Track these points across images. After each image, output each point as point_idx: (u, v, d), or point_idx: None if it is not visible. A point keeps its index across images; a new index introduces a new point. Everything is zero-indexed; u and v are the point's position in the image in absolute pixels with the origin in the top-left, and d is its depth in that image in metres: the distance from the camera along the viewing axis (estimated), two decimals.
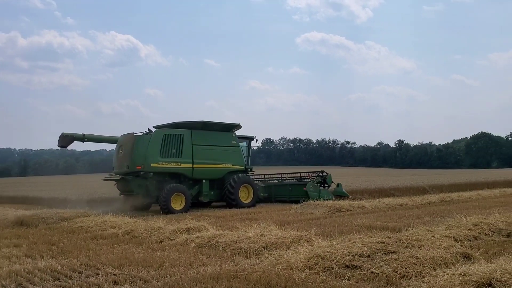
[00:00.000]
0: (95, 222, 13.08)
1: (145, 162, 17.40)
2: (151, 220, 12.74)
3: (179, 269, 7.30)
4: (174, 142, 18.03)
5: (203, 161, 18.61)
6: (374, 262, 6.91)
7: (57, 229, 13.02)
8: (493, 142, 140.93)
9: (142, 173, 17.46)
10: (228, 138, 19.65)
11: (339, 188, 21.50)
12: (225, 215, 15.38)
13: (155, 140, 17.71)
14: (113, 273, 7.18)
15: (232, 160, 19.52)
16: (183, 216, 15.04)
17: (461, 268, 6.33)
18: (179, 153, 18.06)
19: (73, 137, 18.48)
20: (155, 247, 9.43)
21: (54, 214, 15.27)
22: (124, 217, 13.98)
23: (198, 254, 8.50)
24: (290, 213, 15.60)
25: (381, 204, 17.63)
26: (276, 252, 8.11)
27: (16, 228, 13.58)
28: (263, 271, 6.84)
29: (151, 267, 7.45)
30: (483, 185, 28.82)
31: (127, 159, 17.71)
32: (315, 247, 8.00)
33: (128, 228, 11.75)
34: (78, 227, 12.86)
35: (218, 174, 19.21)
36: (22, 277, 7.14)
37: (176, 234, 10.56)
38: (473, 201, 19.17)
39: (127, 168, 17.64)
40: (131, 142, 17.86)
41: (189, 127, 18.70)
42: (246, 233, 9.57)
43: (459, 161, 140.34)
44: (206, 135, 18.99)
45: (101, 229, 12.25)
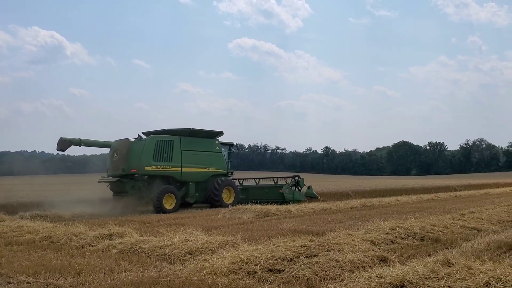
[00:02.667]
0: (10, 228, 12.32)
1: (139, 165, 18.97)
2: (72, 225, 12.19)
3: (99, 276, 7.04)
4: (165, 148, 19.71)
5: (190, 165, 20.41)
6: (296, 265, 7.08)
7: None
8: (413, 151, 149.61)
9: (137, 176, 18.93)
10: (212, 144, 21.59)
11: (310, 190, 23.73)
12: (151, 220, 15.07)
13: (148, 145, 19.35)
14: (26, 281, 6.80)
15: (215, 164, 21.45)
16: (106, 221, 14.53)
17: (377, 271, 6.63)
18: (170, 158, 19.77)
19: (70, 142, 19.34)
20: (75, 254, 9.04)
21: None
22: (43, 222, 13.37)
23: (120, 260, 8.25)
24: (218, 218, 15.59)
25: (306, 209, 18.09)
26: (201, 258, 8.07)
27: None
28: (186, 277, 6.78)
29: (69, 274, 7.13)
30: (402, 192, 30.37)
31: (123, 162, 19.22)
32: (240, 252, 8.05)
33: (46, 233, 11.16)
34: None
35: (203, 177, 20.99)
36: None
37: (97, 240, 10.18)
38: (392, 207, 20.15)
39: (123, 171, 19.12)
40: (126, 147, 19.48)
41: (178, 133, 20.44)
42: (171, 238, 9.44)
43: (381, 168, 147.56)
44: (193, 141, 20.80)
45: (17, 234, 11.55)
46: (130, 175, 19.03)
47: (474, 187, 38.39)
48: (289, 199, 21.88)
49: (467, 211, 15.04)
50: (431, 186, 36.67)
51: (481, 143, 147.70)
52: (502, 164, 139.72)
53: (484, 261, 6.68)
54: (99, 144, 20.71)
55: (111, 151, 20.15)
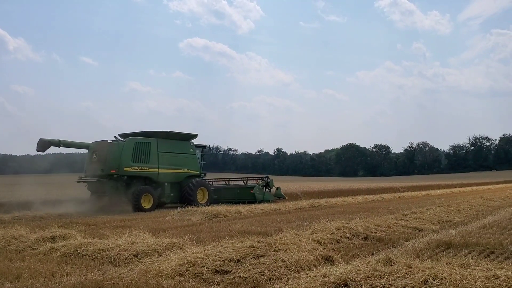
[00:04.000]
0: None
1: (119, 166, 19.52)
2: (12, 228, 11.68)
3: (39, 280, 6.79)
4: (143, 149, 20.40)
5: (166, 166, 21.11)
6: (243, 266, 7.12)
7: None
8: (360, 153, 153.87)
9: (116, 176, 19.52)
10: (186, 146, 22.43)
11: (279, 191, 25.03)
12: (97, 222, 14.68)
13: (127, 147, 19.93)
14: None
15: (189, 166, 22.24)
16: (48, 223, 14.02)
17: (322, 270, 6.77)
18: (147, 159, 20.44)
19: (50, 143, 19.68)
20: (14, 257, 8.67)
21: None
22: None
23: (63, 264, 8.00)
24: (167, 220, 15.39)
25: (256, 210, 18.19)
26: (147, 260, 7.96)
27: None
28: (131, 280, 6.66)
29: (6, 279, 6.83)
30: (349, 192, 31.17)
31: (102, 163, 19.79)
32: (187, 254, 8.00)
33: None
34: None
35: (178, 178, 21.72)
36: None
37: (39, 243, 9.82)
38: (338, 207, 20.61)
39: (102, 171, 19.65)
40: (105, 148, 20.11)
41: (155, 136, 21.16)
42: (117, 241, 9.23)
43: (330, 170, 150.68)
44: (169, 144, 21.53)
45: None
46: (110, 175, 19.59)
47: (417, 189, 39.91)
48: (259, 199, 23.08)
49: (409, 212, 15.63)
50: (376, 187, 37.79)
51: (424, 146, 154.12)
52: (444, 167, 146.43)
53: (424, 260, 6.99)
54: (78, 145, 21.19)
55: (90, 152, 20.75)
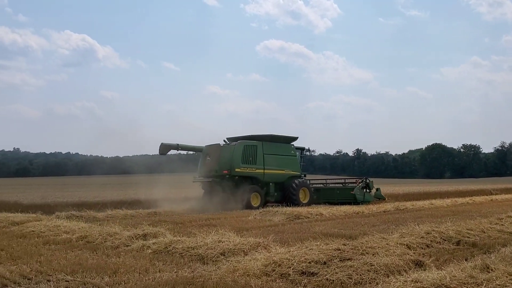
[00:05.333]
0: (47, 227, 12.66)
1: (230, 167, 21.26)
2: (107, 226, 12.44)
3: (134, 276, 7.16)
4: (251, 152, 22.01)
5: (271, 167, 22.51)
6: (330, 268, 7.01)
7: (6, 233, 12.52)
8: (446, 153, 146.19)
9: (228, 176, 21.26)
10: (288, 148, 23.77)
11: (378, 192, 25.25)
12: (183, 221, 15.23)
13: (237, 150, 21.63)
14: (65, 279, 6.96)
15: (291, 167, 23.43)
16: (138, 222, 14.77)
17: (413, 275, 6.50)
18: (255, 161, 21.97)
19: (169, 146, 21.80)
20: (110, 253, 9.22)
21: (4, 218, 14.72)
22: (78, 222, 13.66)
23: (154, 261, 8.37)
24: (249, 220, 15.61)
25: (338, 212, 17.92)
26: (233, 259, 8.09)
27: None
28: (220, 278, 6.81)
29: (105, 274, 7.27)
30: (436, 195, 29.75)
31: (215, 165, 21.62)
32: (272, 254, 8.03)
33: (82, 233, 11.43)
34: (30, 232, 12.41)
35: (281, 179, 22.99)
36: None
37: (132, 240, 10.35)
38: (426, 210, 19.75)
39: (215, 172, 21.52)
40: (218, 151, 22.01)
41: (260, 139, 22.64)
42: (204, 239, 9.51)
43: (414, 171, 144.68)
44: (273, 146, 22.99)
45: (54, 234, 11.87)
46: (222, 176, 21.35)
47: (511, 191, 37.21)
48: (359, 200, 23.33)
49: (505, 215, 14.54)
50: (465, 189, 35.70)
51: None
52: None
53: None
54: (193, 149, 23.35)
55: (203, 155, 22.66)
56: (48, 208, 18.77)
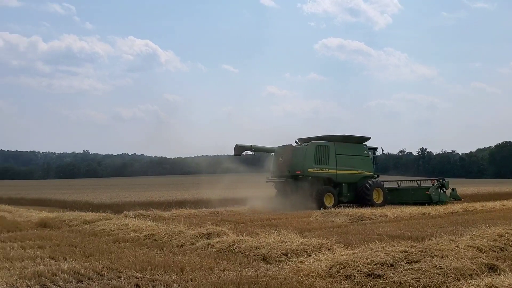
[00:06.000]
0: (117, 226, 13.21)
1: (303, 168, 21.44)
2: (172, 224, 12.80)
3: (200, 274, 7.32)
4: (323, 152, 22.11)
5: (343, 167, 22.46)
6: (397, 271, 6.82)
7: (79, 231, 13.19)
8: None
9: (301, 177, 21.46)
10: (361, 148, 23.62)
11: (454, 192, 24.77)
12: (245, 220, 15.38)
13: (310, 150, 21.80)
14: (135, 276, 7.24)
15: (364, 167, 23.32)
16: (202, 221, 15.10)
17: (486, 279, 6.21)
18: (327, 161, 22.04)
19: (244, 148, 22.54)
20: (176, 251, 9.48)
21: (77, 217, 15.51)
22: (145, 221, 14.12)
23: (219, 259, 8.51)
24: (311, 221, 15.50)
25: (403, 213, 17.41)
26: (296, 259, 8.07)
27: (40, 230, 13.77)
28: (284, 278, 6.81)
29: (172, 271, 7.49)
30: (508, 196, 28.21)
31: (288, 165, 21.84)
32: (336, 255, 7.94)
33: (149, 231, 11.84)
34: (100, 230, 13.01)
35: (354, 179, 22.93)
36: (46, 278, 7.25)
37: (196, 239, 10.60)
38: (497, 211, 18.78)
39: (288, 173, 21.80)
40: (290, 152, 22.26)
41: (332, 139, 22.73)
42: (267, 239, 9.56)
43: (483, 170, 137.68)
44: (345, 146, 22.96)
45: (123, 232, 12.36)
46: (295, 176, 21.61)
47: None
48: (435, 200, 23.01)
49: None
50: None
51: None
52: None
53: None
54: (266, 150, 23.74)
55: (276, 155, 23.00)
56: (116, 208, 19.63)
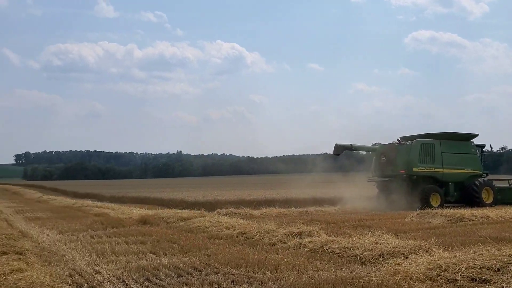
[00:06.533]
0: (211, 223, 13.66)
1: (407, 166, 20.87)
2: (263, 223, 12.97)
3: (293, 273, 7.34)
4: (428, 150, 21.36)
5: (450, 166, 21.59)
6: (505, 276, 6.34)
7: (176, 228, 13.80)
8: None
9: (405, 176, 20.83)
10: (468, 146, 22.67)
11: None
12: (336, 221, 15.17)
13: (414, 148, 21.17)
14: (230, 272, 7.44)
15: (471, 165, 22.30)
16: (293, 220, 15.14)
17: None
18: (432, 160, 21.27)
19: (344, 147, 22.19)
20: (269, 250, 9.59)
21: (173, 214, 16.25)
22: (237, 219, 14.44)
23: (312, 259, 8.48)
24: (406, 222, 14.92)
25: (507, 214, 16.19)
26: (393, 261, 7.79)
27: (141, 226, 14.61)
28: (381, 280, 6.62)
29: (266, 269, 7.58)
30: None
31: (391, 164, 21.46)
32: (436, 258, 7.56)
33: (242, 229, 12.09)
34: (196, 227, 13.51)
35: (461, 178, 21.90)
36: (149, 272, 7.68)
37: (288, 238, 10.64)
38: None
39: (391, 172, 21.34)
40: (393, 151, 21.73)
41: (437, 137, 22.00)
42: (360, 240, 9.35)
43: None
44: (451, 144, 22.06)
45: (217, 229, 12.75)
46: (399, 175, 20.99)
47: None
48: None
49: None
50: None
51: None
52: None
53: None
54: (367, 149, 23.70)
55: (377, 154, 22.54)
56: (209, 206, 20.31)
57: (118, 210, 19.94)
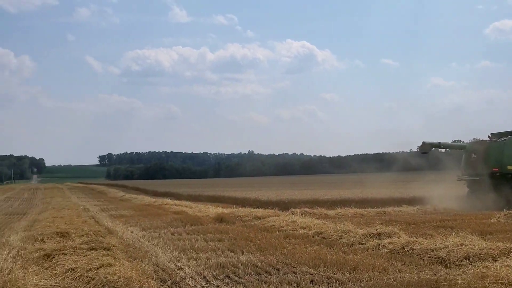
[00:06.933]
0: (285, 222, 13.67)
1: (501, 164, 20.01)
2: (340, 223, 12.78)
3: (374, 274, 7.18)
4: None
5: None
6: None
7: (252, 226, 13.96)
8: None
9: (498, 174, 20.01)
10: None
11: None
12: (416, 221, 14.63)
13: (509, 145, 20.12)
14: (309, 272, 7.41)
15: None
16: (370, 220, 14.80)
17: None
18: None
19: (431, 145, 21.79)
20: (347, 250, 9.45)
21: (248, 212, 16.47)
22: (312, 219, 14.36)
23: (392, 260, 8.25)
24: (492, 223, 14.06)
25: None
26: (480, 264, 7.39)
27: (217, 224, 14.93)
28: (468, 284, 6.29)
29: (345, 270, 7.48)
30: None
31: (482, 162, 20.57)
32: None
33: (317, 229, 12.00)
34: (271, 226, 13.59)
35: None
36: (228, 269, 7.85)
37: (366, 239, 10.41)
38: None
39: (483, 170, 20.36)
40: (485, 148, 20.97)
41: None
42: (444, 241, 8.95)
43: None
44: None
45: (292, 229, 12.74)
46: (491, 174, 20.12)
47: None
48: None
49: None
50: None
51: None
52: None
53: None
54: (455, 146, 23.19)
55: (467, 152, 21.74)
56: (283, 205, 20.35)
57: (195, 208, 20.53)
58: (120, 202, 30.32)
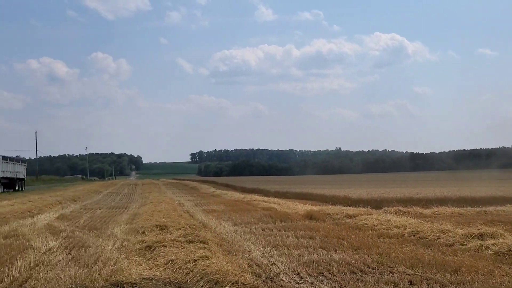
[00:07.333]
0: (378, 221, 13.31)
1: None
2: (437, 222, 12.20)
3: (478, 277, 6.76)
4: None
5: None
6: None
7: (343, 225, 13.74)
8: None
9: None
10: None
11: None
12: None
13: None
14: (406, 272, 7.15)
15: None
16: (469, 220, 13.93)
17: None
18: None
19: None
20: (446, 251, 8.99)
21: (338, 210, 16.24)
22: (407, 218, 13.85)
23: (498, 263, 7.72)
24: None
25: None
26: None
27: (307, 222, 14.88)
28: None
29: (445, 271, 7.12)
30: None
31: None
32: None
33: (413, 229, 11.54)
34: (363, 225, 13.30)
35: None
36: (322, 267, 7.79)
37: (467, 239, 9.83)
38: None
39: None
40: None
41: None
42: None
43: None
44: None
45: (386, 228, 12.37)
46: None
47: None
48: None
49: None
50: None
51: None
52: None
53: None
54: None
55: None
56: (375, 203, 19.79)
57: (283, 205, 20.64)
58: (212, 197, 31.30)
